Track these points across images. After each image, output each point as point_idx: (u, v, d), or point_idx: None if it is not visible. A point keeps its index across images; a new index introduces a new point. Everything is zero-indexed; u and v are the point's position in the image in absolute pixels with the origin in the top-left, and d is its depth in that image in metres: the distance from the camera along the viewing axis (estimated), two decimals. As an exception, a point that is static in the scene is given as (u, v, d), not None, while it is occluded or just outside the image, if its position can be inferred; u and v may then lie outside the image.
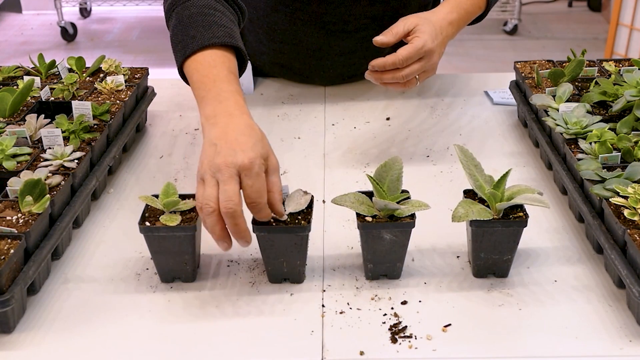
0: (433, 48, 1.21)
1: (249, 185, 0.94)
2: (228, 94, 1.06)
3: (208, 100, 1.07)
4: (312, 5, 1.49)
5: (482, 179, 1.01)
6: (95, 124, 1.26)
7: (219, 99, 1.06)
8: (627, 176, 1.04)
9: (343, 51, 1.55)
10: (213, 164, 0.96)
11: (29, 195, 1.01)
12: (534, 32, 4.68)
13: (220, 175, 0.94)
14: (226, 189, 0.93)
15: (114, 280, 1.03)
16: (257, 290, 1.00)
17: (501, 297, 0.98)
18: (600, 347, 0.89)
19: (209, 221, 0.93)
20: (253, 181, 0.94)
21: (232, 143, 0.97)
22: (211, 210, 0.93)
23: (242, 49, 1.20)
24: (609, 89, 1.28)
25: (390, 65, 1.19)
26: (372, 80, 1.23)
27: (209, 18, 1.20)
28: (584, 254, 1.06)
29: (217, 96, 1.06)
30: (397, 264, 1.00)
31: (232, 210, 0.92)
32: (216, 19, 1.21)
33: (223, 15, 1.23)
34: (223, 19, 1.22)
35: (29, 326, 0.94)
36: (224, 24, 1.20)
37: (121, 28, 4.92)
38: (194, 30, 1.18)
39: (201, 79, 1.11)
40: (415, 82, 1.23)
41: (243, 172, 0.95)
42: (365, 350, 0.89)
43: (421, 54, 1.20)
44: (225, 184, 0.93)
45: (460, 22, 1.32)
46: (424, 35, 1.21)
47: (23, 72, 1.48)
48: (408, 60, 1.19)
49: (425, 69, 1.22)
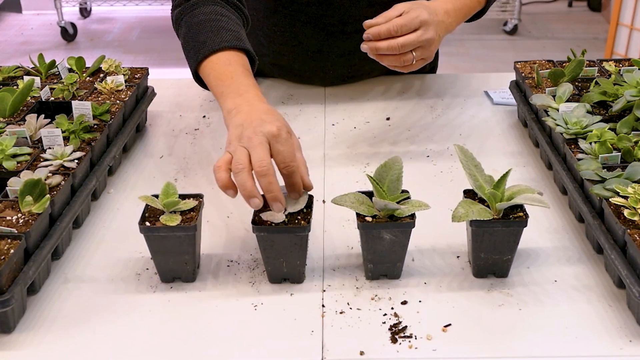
0: (429, 20, 1.20)
1: (280, 150, 0.97)
2: (247, 87, 1.10)
3: (228, 95, 1.10)
4: (312, 7, 1.49)
5: (482, 179, 1.01)
6: (95, 124, 1.26)
7: (239, 92, 1.09)
8: (627, 176, 1.04)
9: (343, 52, 1.55)
10: (242, 137, 0.99)
11: (29, 195, 1.01)
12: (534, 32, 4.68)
13: (250, 142, 0.97)
14: (257, 151, 0.96)
15: (114, 280, 1.03)
16: (257, 290, 1.00)
17: (501, 297, 0.98)
18: (600, 347, 0.89)
19: (240, 178, 0.94)
20: (283, 147, 0.97)
21: (258, 120, 1.00)
22: (242, 167, 0.95)
23: (251, 50, 1.22)
24: (609, 89, 1.28)
25: (385, 33, 1.18)
26: (368, 52, 1.21)
27: (217, 23, 1.23)
28: (584, 254, 1.06)
29: (237, 90, 1.10)
30: (397, 264, 1.00)
31: (265, 168, 0.94)
32: (223, 23, 1.23)
33: (230, 20, 1.25)
34: (230, 23, 1.24)
35: (29, 326, 0.94)
36: (231, 29, 1.23)
37: (121, 28, 4.92)
38: (203, 36, 1.21)
39: (219, 77, 1.15)
40: (411, 58, 1.21)
41: (272, 139, 0.97)
42: (365, 350, 0.89)
43: (416, 23, 1.19)
44: (256, 148, 0.96)
45: (458, 14, 1.31)
46: (419, 9, 1.20)
47: (23, 72, 1.48)
48: (403, 28, 1.18)
49: (422, 44, 1.20)
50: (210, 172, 1.31)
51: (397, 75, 1.65)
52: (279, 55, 1.60)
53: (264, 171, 0.94)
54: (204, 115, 1.51)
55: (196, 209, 1.01)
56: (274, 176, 0.95)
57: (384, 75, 1.65)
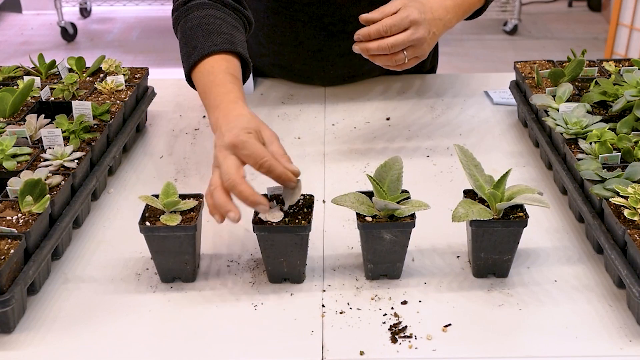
0: (418, 19, 1.19)
1: (246, 154, 0.96)
2: (221, 97, 1.09)
3: (209, 109, 1.11)
4: (313, 6, 1.49)
5: (482, 179, 1.01)
6: (95, 124, 1.26)
7: (215, 104, 1.09)
8: (627, 176, 1.04)
9: (343, 52, 1.55)
10: (214, 159, 1.00)
11: (29, 195, 1.01)
12: (534, 32, 4.68)
13: (217, 161, 0.98)
14: (222, 168, 0.96)
15: (114, 280, 1.03)
16: (257, 290, 1.00)
17: (501, 297, 0.98)
18: (600, 347, 0.89)
19: (213, 198, 0.95)
20: (248, 150, 0.96)
21: (220, 135, 1.00)
22: (213, 188, 0.95)
23: (243, 53, 1.21)
24: (609, 89, 1.28)
25: (375, 34, 1.18)
26: (360, 53, 1.22)
27: (209, 27, 1.23)
28: (584, 254, 1.06)
29: (214, 102, 1.10)
30: (397, 264, 1.00)
31: (229, 182, 0.94)
32: (216, 27, 1.23)
33: (224, 22, 1.25)
34: (224, 26, 1.24)
35: (29, 326, 0.94)
36: (224, 31, 1.22)
37: (121, 28, 4.92)
38: (195, 40, 1.22)
39: (203, 89, 1.15)
40: (403, 58, 1.21)
41: (234, 149, 0.97)
42: (365, 350, 0.89)
43: (406, 23, 1.18)
44: (222, 166, 0.96)
45: (458, 10, 1.30)
46: (410, 8, 1.20)
47: (23, 72, 1.48)
48: (392, 28, 1.18)
49: (412, 43, 1.20)
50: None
51: (397, 75, 1.65)
52: (279, 55, 1.60)
53: (230, 184, 0.94)
54: (204, 116, 1.51)
55: (196, 209, 1.01)
56: (242, 184, 0.94)
57: (384, 75, 1.65)
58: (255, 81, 1.64)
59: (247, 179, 0.97)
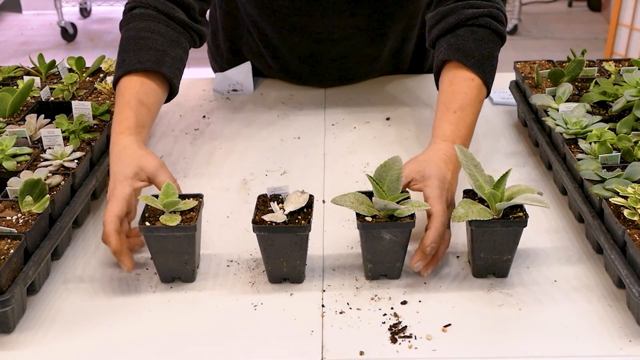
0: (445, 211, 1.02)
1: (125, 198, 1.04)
2: (115, 125, 1.14)
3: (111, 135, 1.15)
4: (294, 17, 1.47)
5: (482, 179, 1.01)
6: (95, 124, 1.26)
7: (112, 129, 1.14)
8: (627, 176, 1.04)
9: (335, 57, 1.54)
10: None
11: (29, 195, 1.01)
12: (534, 32, 4.68)
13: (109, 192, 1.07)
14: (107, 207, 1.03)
15: (114, 280, 1.03)
16: (257, 290, 1.00)
17: (501, 297, 0.98)
18: (600, 347, 0.89)
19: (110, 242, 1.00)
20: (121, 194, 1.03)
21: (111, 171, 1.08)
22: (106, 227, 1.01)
23: (167, 73, 1.21)
24: (609, 89, 1.28)
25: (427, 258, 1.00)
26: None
27: (143, 42, 1.22)
28: (584, 254, 1.06)
29: (112, 131, 1.14)
30: (397, 264, 1.00)
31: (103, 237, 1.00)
32: (150, 42, 1.21)
33: (161, 38, 1.23)
34: (159, 42, 1.22)
35: (29, 326, 0.94)
36: (156, 48, 1.21)
37: (121, 28, 4.92)
38: (125, 54, 1.22)
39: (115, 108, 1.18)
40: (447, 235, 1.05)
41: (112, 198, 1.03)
42: (365, 350, 0.89)
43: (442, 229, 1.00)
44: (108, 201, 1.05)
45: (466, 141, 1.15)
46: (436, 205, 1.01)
47: (23, 72, 1.48)
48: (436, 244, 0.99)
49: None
50: (210, 172, 1.31)
51: (396, 75, 1.65)
52: (275, 57, 1.59)
53: (103, 234, 1.00)
54: (204, 115, 1.51)
55: (196, 209, 1.01)
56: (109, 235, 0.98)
57: (384, 75, 1.65)
58: (255, 81, 1.64)
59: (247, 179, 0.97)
